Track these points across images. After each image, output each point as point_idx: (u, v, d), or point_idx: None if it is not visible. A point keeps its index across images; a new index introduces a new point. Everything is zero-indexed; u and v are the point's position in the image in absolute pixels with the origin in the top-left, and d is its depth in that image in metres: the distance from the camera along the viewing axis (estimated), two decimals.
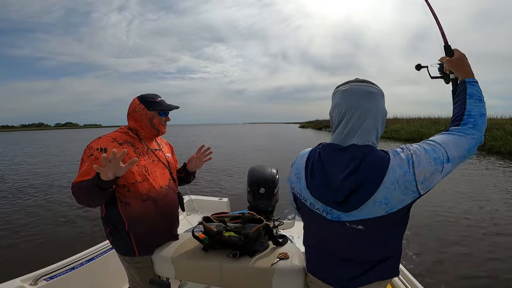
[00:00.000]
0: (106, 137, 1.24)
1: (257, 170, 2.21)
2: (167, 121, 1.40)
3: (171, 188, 1.38)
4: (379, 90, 0.85)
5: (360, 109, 0.82)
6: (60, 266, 1.64)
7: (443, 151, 0.76)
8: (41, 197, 6.08)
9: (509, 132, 11.91)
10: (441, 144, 0.77)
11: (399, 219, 0.82)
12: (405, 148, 0.79)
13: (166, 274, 1.32)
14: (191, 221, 2.68)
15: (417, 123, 19.82)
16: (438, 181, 0.76)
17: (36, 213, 4.99)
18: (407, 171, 0.74)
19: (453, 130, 0.83)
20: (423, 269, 2.94)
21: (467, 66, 0.91)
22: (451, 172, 0.78)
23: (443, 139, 0.80)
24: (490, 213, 4.62)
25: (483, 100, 0.86)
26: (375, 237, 0.83)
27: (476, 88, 0.87)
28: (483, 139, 0.82)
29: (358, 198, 0.77)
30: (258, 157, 11.87)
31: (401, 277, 1.57)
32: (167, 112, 1.38)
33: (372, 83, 0.86)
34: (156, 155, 1.36)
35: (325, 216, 0.86)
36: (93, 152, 1.17)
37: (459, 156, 0.78)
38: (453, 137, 0.80)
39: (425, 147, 0.77)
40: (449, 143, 0.78)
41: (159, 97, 1.36)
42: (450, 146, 0.77)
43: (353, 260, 0.87)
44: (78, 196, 1.11)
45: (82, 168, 1.15)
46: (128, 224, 1.23)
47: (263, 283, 1.15)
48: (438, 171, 0.75)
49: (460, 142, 0.78)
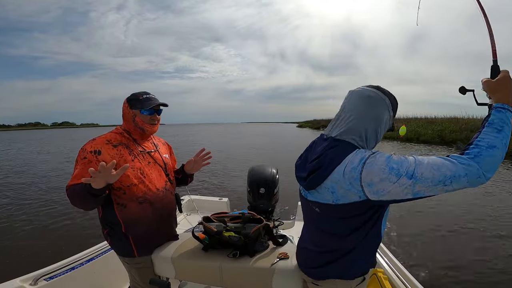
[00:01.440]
0: (101, 138, 1.22)
1: (257, 170, 2.21)
2: (155, 119, 1.31)
3: (168, 189, 1.36)
4: (380, 96, 0.87)
5: (352, 109, 0.88)
6: (60, 266, 1.64)
7: (410, 166, 0.72)
8: (41, 197, 6.08)
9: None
10: (414, 161, 0.73)
11: (349, 216, 0.85)
12: (375, 152, 0.80)
13: (166, 274, 1.32)
14: (191, 221, 2.68)
15: (414, 123, 19.94)
16: (394, 193, 0.74)
17: (36, 213, 4.98)
18: (355, 167, 0.78)
19: (451, 156, 0.74)
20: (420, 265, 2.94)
21: (506, 89, 0.77)
22: (425, 194, 0.73)
23: (425, 158, 0.74)
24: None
25: (505, 131, 0.73)
26: (329, 225, 0.91)
27: (502, 115, 0.74)
28: (482, 175, 0.69)
29: (315, 178, 0.86)
30: (258, 157, 11.87)
31: (398, 274, 1.58)
32: (152, 110, 1.29)
33: (378, 89, 0.89)
34: (152, 156, 1.33)
35: (302, 193, 0.99)
36: (86, 155, 1.15)
37: (433, 179, 0.70)
38: (438, 160, 0.72)
39: (392, 157, 0.76)
40: (425, 163, 0.72)
41: (146, 94, 1.30)
42: (425, 166, 0.72)
43: (316, 245, 0.97)
44: (72, 200, 1.10)
45: (76, 171, 1.14)
46: (125, 226, 1.23)
47: (263, 283, 1.15)
48: (390, 181, 0.73)
49: (441, 166, 0.70)
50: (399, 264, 1.69)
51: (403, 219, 4.31)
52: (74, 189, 1.08)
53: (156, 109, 1.32)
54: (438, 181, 0.70)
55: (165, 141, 1.55)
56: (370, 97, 0.87)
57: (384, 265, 1.71)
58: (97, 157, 1.14)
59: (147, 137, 1.37)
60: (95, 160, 1.13)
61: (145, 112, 1.27)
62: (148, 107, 1.26)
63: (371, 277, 1.51)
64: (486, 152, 0.70)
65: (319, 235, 0.96)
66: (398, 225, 3.99)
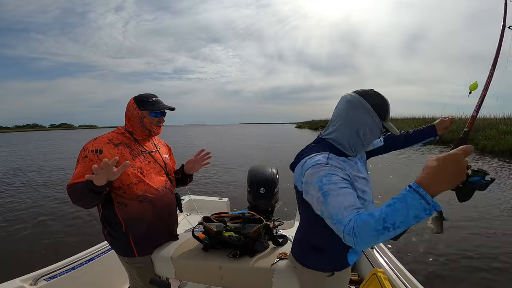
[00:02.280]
0: (102, 138, 1.24)
1: (257, 170, 2.21)
2: (161, 122, 1.36)
3: (168, 189, 1.37)
4: (359, 101, 0.91)
5: (337, 113, 0.97)
6: (60, 266, 1.64)
7: (331, 190, 0.75)
8: (41, 197, 6.08)
9: (502, 132, 11.88)
10: (337, 189, 0.75)
11: (304, 205, 0.92)
12: (330, 165, 0.83)
13: (166, 274, 1.32)
14: (191, 221, 2.68)
15: (412, 123, 20.08)
16: (312, 202, 0.82)
17: (36, 213, 4.98)
18: (308, 164, 0.86)
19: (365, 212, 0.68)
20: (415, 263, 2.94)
21: (440, 170, 0.60)
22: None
23: (343, 195, 0.74)
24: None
25: (390, 227, 0.61)
26: (301, 210, 1.01)
27: (408, 201, 0.60)
28: (353, 244, 0.66)
29: (292, 165, 0.98)
30: (258, 157, 11.88)
31: (398, 274, 1.58)
32: (160, 113, 1.33)
33: (362, 93, 0.93)
34: (152, 156, 1.35)
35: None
36: (87, 154, 1.16)
37: (330, 213, 0.73)
38: (343, 204, 0.71)
39: (332, 177, 0.79)
40: (339, 199, 0.73)
41: (154, 97, 1.33)
42: (336, 200, 0.73)
43: (299, 228, 1.10)
44: (72, 198, 1.12)
45: (77, 170, 1.15)
46: (125, 225, 1.23)
47: (263, 283, 1.15)
48: (314, 191, 0.80)
49: (340, 210, 0.70)
50: (399, 264, 1.69)
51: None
52: (75, 188, 1.09)
53: (163, 112, 1.35)
54: (330, 217, 0.73)
55: (165, 142, 1.56)
56: (350, 102, 0.93)
57: (384, 265, 1.71)
58: (98, 156, 1.16)
59: (148, 137, 1.38)
60: (96, 159, 1.15)
61: (155, 114, 1.31)
62: (158, 110, 1.30)
63: (371, 277, 1.51)
64: (360, 229, 0.64)
65: (300, 223, 1.10)
66: None
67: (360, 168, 0.98)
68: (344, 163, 0.89)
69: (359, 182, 0.91)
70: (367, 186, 0.95)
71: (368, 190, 0.94)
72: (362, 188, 0.91)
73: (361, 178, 0.94)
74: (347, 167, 0.88)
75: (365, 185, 0.95)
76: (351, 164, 0.94)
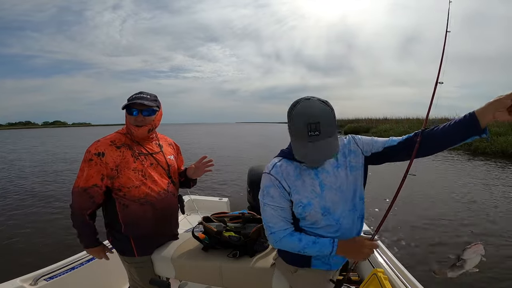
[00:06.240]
0: (105, 140, 1.23)
1: (257, 170, 2.21)
2: (140, 121, 1.22)
3: (170, 191, 1.35)
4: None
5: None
6: (60, 266, 1.64)
7: (263, 200, 0.95)
8: (41, 196, 6.08)
9: (494, 133, 11.92)
10: (270, 202, 0.93)
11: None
12: (271, 172, 0.94)
13: (166, 274, 1.32)
14: (191, 221, 2.68)
15: (406, 124, 20.08)
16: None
17: (36, 213, 4.98)
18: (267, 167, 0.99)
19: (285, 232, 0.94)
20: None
21: (352, 248, 0.92)
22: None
23: (273, 207, 0.94)
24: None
25: (302, 252, 0.93)
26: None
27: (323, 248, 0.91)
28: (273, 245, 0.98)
29: None
30: (258, 157, 11.86)
31: (398, 274, 1.57)
32: (135, 110, 1.20)
33: (296, 102, 0.91)
34: (155, 158, 1.32)
35: None
36: (91, 157, 1.18)
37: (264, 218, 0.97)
38: (274, 217, 0.94)
39: (270, 191, 0.93)
40: (269, 209, 0.94)
41: (135, 95, 1.24)
42: (267, 209, 0.95)
43: None
44: (72, 217, 1.23)
45: (83, 173, 1.18)
46: (124, 226, 1.24)
47: (263, 283, 1.15)
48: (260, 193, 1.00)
49: (270, 218, 0.94)
50: (399, 264, 1.69)
51: (404, 219, 4.31)
52: (75, 218, 1.22)
53: (140, 109, 1.22)
54: (264, 221, 0.97)
55: (173, 141, 1.51)
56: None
57: (384, 265, 1.70)
58: (101, 159, 1.18)
59: (148, 138, 1.33)
60: (99, 162, 1.18)
61: (130, 112, 1.22)
62: (127, 105, 1.20)
63: (371, 277, 1.51)
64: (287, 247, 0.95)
65: None
66: (398, 224, 4.00)
67: (315, 175, 0.93)
68: (292, 171, 0.94)
69: (302, 193, 0.92)
70: (316, 197, 0.92)
71: (313, 202, 0.91)
72: (303, 201, 0.91)
73: (309, 189, 0.92)
74: (291, 176, 0.93)
75: (313, 195, 0.92)
76: (304, 170, 0.93)
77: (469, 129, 0.80)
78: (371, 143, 0.99)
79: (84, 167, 1.18)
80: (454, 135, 0.84)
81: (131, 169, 1.21)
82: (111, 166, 1.19)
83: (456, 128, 0.83)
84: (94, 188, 1.18)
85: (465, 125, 0.81)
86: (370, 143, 1.00)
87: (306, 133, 0.81)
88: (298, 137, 0.85)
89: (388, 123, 23.78)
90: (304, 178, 0.93)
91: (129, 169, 1.21)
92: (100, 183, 1.18)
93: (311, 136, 0.81)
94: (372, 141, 1.00)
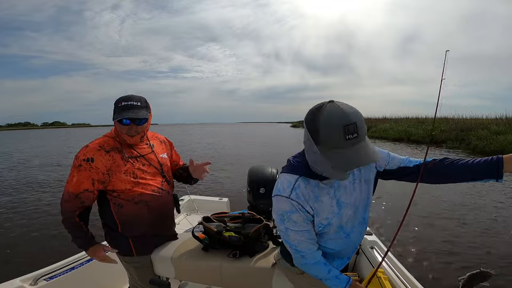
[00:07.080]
0: (93, 145, 1.20)
1: (257, 170, 2.21)
2: (133, 131, 1.20)
3: (165, 190, 1.34)
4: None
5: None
6: (60, 266, 1.64)
7: (281, 225, 0.89)
8: (40, 196, 6.08)
9: (493, 132, 11.91)
10: (286, 228, 0.88)
11: None
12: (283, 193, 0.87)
13: (166, 274, 1.32)
14: (191, 221, 2.68)
15: (405, 123, 20.04)
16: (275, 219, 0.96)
17: (36, 212, 4.98)
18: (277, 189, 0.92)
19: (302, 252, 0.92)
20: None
21: None
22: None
23: (295, 231, 0.89)
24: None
25: (322, 280, 0.94)
26: None
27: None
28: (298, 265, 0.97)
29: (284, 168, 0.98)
30: (258, 157, 11.87)
31: (398, 274, 1.57)
32: (127, 120, 1.17)
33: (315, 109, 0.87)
34: (146, 159, 1.30)
35: None
36: (81, 162, 1.16)
37: (287, 242, 0.93)
38: (299, 244, 0.90)
39: (292, 216, 0.87)
40: (291, 233, 0.89)
41: (124, 101, 1.17)
42: (287, 232, 0.90)
43: None
44: (63, 222, 1.25)
45: (73, 179, 1.16)
46: (121, 226, 1.24)
47: (263, 283, 1.15)
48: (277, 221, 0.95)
49: (296, 245, 0.91)
50: (399, 264, 1.69)
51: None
52: (68, 222, 1.22)
53: (133, 119, 1.19)
54: (289, 244, 0.92)
55: (165, 138, 1.49)
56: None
57: (384, 265, 1.70)
58: (90, 164, 1.15)
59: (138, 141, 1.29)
60: (88, 168, 1.15)
61: (121, 122, 1.18)
62: (117, 118, 1.16)
63: (371, 277, 1.51)
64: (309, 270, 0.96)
65: None
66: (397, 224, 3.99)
67: (334, 194, 0.88)
68: (311, 191, 0.85)
69: (322, 214, 0.87)
70: (334, 217, 0.89)
71: (332, 222, 0.89)
72: (323, 222, 0.88)
73: (327, 209, 0.87)
74: (312, 198, 0.85)
75: (332, 215, 0.88)
76: (322, 189, 0.87)
77: (490, 171, 0.81)
78: (387, 158, 0.95)
79: (74, 173, 1.16)
80: (473, 171, 0.83)
81: (122, 172, 1.20)
82: (102, 170, 1.16)
83: (480, 166, 0.83)
84: (85, 193, 1.17)
85: (489, 165, 0.81)
86: (385, 158, 0.95)
87: (343, 138, 0.69)
88: (330, 146, 0.72)
89: (387, 122, 23.73)
90: (322, 198, 0.87)
91: (120, 172, 1.20)
92: (91, 187, 1.17)
93: (349, 139, 0.69)
94: (388, 157, 0.95)
